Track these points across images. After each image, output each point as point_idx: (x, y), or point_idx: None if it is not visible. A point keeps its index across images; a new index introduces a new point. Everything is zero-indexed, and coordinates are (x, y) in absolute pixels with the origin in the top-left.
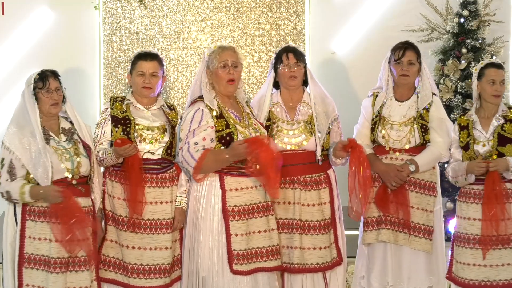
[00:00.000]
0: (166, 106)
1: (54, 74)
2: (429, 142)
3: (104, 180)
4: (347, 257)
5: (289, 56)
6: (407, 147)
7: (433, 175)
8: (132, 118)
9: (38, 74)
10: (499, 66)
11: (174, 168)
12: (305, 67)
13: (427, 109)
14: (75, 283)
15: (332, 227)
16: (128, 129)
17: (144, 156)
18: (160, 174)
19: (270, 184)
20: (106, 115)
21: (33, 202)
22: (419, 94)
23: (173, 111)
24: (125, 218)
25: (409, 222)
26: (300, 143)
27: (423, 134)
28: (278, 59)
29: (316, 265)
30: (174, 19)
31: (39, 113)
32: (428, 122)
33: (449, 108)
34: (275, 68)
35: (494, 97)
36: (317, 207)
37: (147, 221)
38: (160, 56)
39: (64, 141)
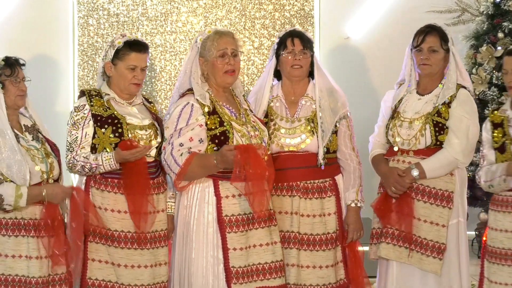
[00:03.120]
0: (144, 99)
1: (19, 62)
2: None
3: (88, 189)
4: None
5: (294, 42)
6: (416, 148)
7: (449, 183)
8: (121, 117)
9: (3, 60)
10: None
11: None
12: (312, 56)
13: (448, 104)
14: None
15: (340, 243)
16: (119, 130)
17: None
18: (155, 179)
19: (254, 202)
20: (84, 113)
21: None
22: (443, 87)
23: (152, 104)
24: (121, 233)
25: (411, 235)
26: (300, 144)
27: (437, 134)
28: (282, 44)
29: (315, 287)
30: None
31: None
32: (446, 120)
33: (482, 103)
34: (277, 54)
35: (510, 89)
36: (319, 218)
37: (147, 234)
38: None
39: (32, 140)
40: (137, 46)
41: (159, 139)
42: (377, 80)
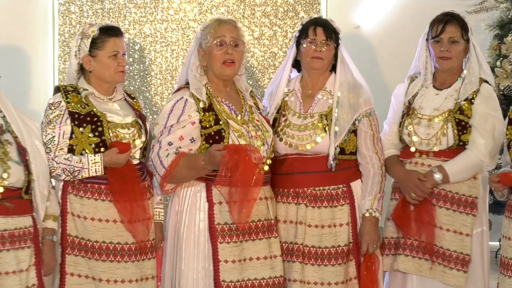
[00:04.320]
0: (126, 95)
1: None
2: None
3: (65, 196)
4: None
5: (317, 31)
6: (436, 149)
7: (473, 188)
8: (101, 114)
9: None
10: None
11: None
12: (336, 48)
13: (470, 101)
14: None
15: (354, 257)
16: (100, 129)
17: None
18: (141, 183)
19: (237, 211)
20: (61, 110)
21: None
22: (463, 81)
23: (135, 100)
24: (102, 244)
25: (432, 246)
26: (309, 143)
27: (460, 133)
28: (303, 33)
29: None
30: None
31: None
32: (469, 118)
33: (507, 99)
34: (298, 43)
35: None
36: (328, 229)
37: (131, 245)
38: None
39: None
40: (113, 30)
41: (143, 138)
42: (390, 73)
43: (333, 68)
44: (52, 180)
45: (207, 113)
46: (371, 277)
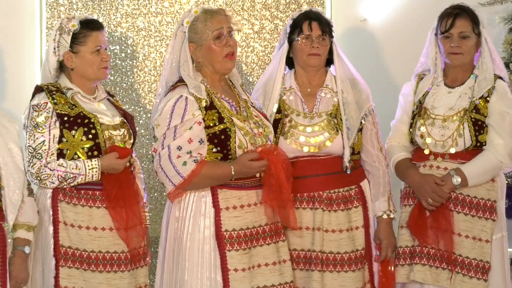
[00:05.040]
0: (107, 94)
1: None
2: (486, 144)
3: (56, 204)
4: None
5: (312, 26)
6: (453, 150)
7: (491, 191)
8: (92, 115)
9: None
10: None
11: None
12: (331, 42)
13: (485, 99)
14: None
15: (367, 261)
16: (93, 131)
17: None
18: (134, 188)
19: (290, 216)
20: (48, 112)
21: None
22: (477, 78)
23: (115, 98)
24: (98, 254)
25: (451, 255)
26: (322, 144)
27: (477, 134)
28: (296, 28)
29: None
30: None
31: None
32: (486, 117)
33: None
34: (290, 39)
35: None
36: (346, 233)
37: (127, 253)
38: None
39: None
40: (94, 24)
41: (132, 140)
42: (398, 69)
43: (327, 63)
44: (36, 186)
45: (209, 112)
46: (390, 283)
